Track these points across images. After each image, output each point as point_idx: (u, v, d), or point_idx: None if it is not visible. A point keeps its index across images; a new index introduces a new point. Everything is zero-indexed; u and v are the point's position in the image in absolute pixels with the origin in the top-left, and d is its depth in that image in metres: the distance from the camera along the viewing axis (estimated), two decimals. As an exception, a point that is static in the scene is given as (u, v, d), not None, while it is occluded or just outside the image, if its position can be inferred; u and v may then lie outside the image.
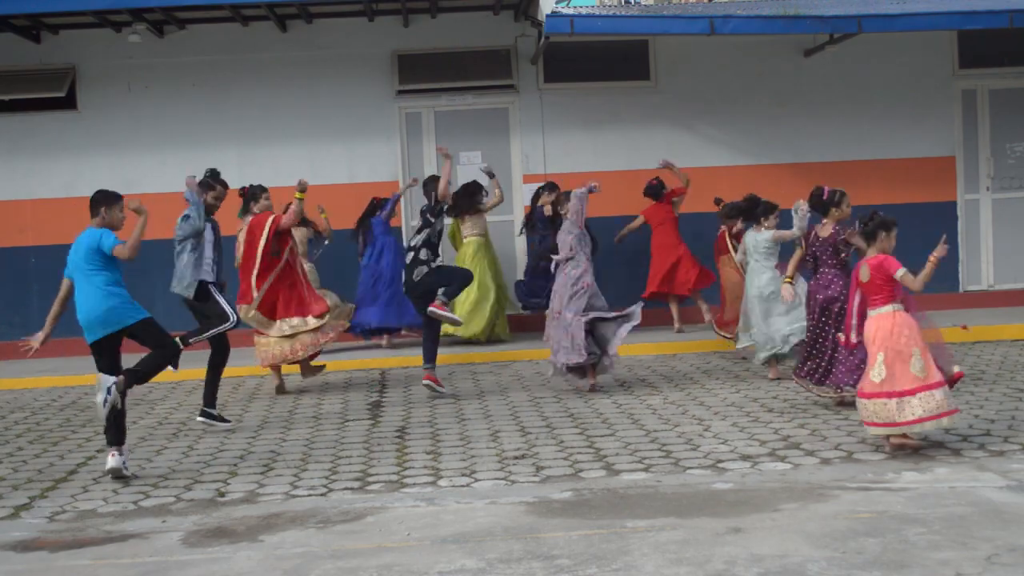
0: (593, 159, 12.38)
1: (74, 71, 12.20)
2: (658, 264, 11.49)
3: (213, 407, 8.12)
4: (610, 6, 11.30)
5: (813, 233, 7.99)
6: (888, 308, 6.46)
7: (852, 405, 7.63)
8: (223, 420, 8.15)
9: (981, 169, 12.77)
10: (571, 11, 11.20)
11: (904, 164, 12.55)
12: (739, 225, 9.74)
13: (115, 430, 6.67)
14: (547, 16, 10.57)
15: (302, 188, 8.96)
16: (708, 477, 6.10)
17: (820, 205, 7.89)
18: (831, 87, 12.51)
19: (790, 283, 8.19)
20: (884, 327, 6.41)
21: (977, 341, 10.74)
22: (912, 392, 6.23)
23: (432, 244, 9.02)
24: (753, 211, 9.17)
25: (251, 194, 9.33)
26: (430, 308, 8.80)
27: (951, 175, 12.67)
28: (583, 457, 6.70)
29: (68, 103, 12.18)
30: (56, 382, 10.67)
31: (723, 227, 10.30)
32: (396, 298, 10.89)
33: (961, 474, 5.92)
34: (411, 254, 9.01)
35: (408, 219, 12.21)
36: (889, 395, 6.26)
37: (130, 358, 6.96)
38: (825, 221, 7.93)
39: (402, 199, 11.81)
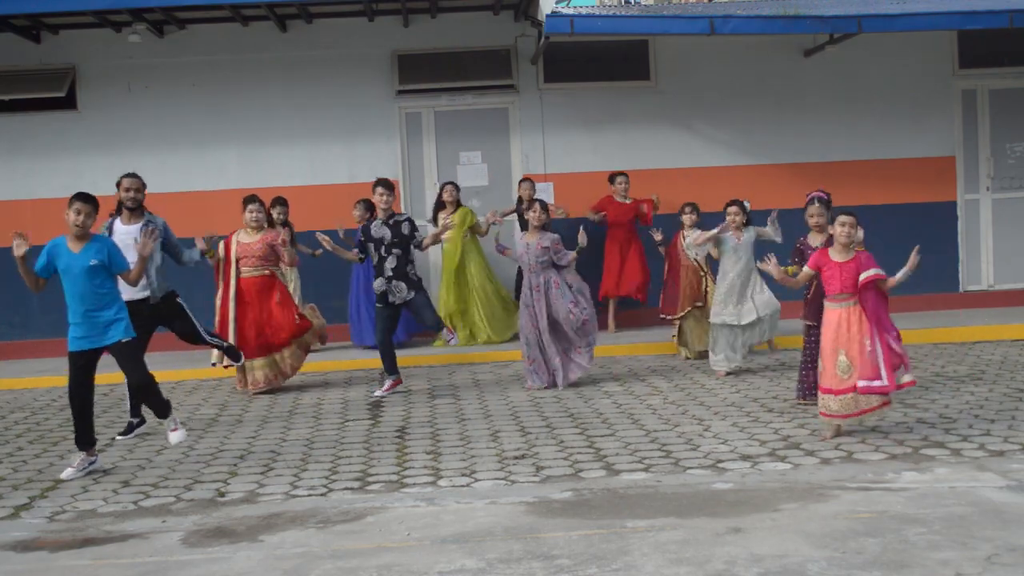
0: (593, 159, 12.39)
1: (74, 71, 12.20)
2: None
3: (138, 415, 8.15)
4: (610, 6, 11.29)
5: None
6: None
7: None
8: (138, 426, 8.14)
9: (981, 169, 12.77)
10: (571, 11, 11.19)
11: (904, 164, 12.55)
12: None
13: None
14: (547, 16, 10.56)
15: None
16: (708, 477, 6.10)
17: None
18: (831, 87, 12.51)
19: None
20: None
21: (977, 341, 10.74)
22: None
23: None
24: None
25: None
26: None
27: (951, 175, 12.67)
28: (583, 457, 6.70)
29: (68, 103, 12.18)
30: (56, 382, 10.65)
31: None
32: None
33: (961, 474, 5.92)
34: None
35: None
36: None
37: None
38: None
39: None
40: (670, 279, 10.39)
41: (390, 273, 9.06)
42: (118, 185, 8.05)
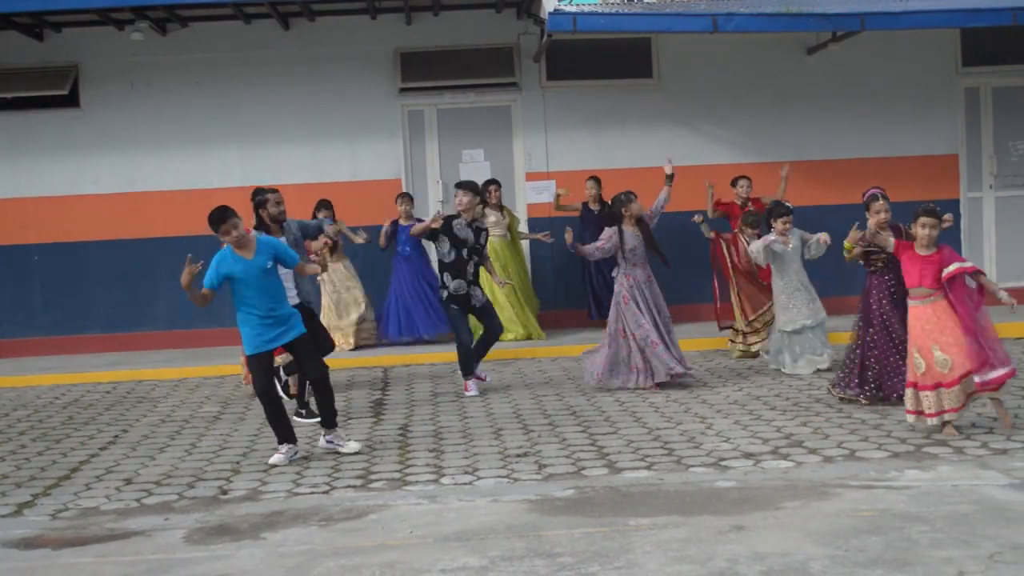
0: (595, 157, 12.39)
1: (77, 69, 12.20)
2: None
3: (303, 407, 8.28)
4: (613, 3, 11.26)
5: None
6: None
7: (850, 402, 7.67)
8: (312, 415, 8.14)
9: (984, 167, 12.75)
10: (573, 9, 11.17)
11: (907, 162, 12.53)
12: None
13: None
14: (549, 14, 10.56)
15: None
16: (711, 475, 6.10)
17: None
18: (834, 85, 12.49)
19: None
20: None
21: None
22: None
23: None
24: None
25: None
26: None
27: (954, 173, 12.66)
28: (585, 455, 6.70)
29: (71, 101, 12.19)
30: (58, 380, 10.68)
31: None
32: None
33: (964, 472, 5.91)
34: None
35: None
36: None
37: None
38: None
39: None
40: (726, 285, 10.25)
41: (471, 277, 8.96)
42: (265, 201, 8.05)
